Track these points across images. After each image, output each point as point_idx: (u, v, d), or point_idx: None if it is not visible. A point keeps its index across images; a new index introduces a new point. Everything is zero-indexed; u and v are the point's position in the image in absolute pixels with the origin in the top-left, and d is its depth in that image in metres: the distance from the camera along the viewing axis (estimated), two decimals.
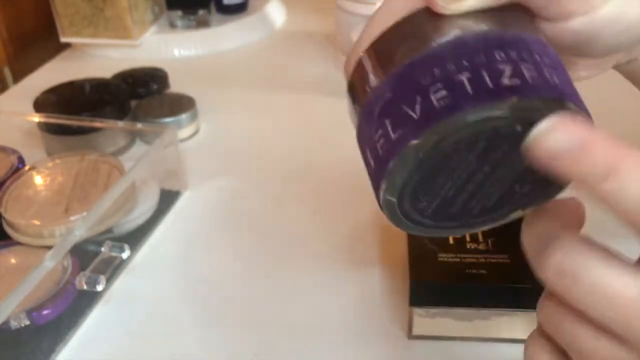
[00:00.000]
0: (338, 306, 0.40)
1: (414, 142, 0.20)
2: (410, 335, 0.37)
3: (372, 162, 0.22)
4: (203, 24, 0.79)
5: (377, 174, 0.21)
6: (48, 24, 0.75)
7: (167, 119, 0.57)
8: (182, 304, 0.41)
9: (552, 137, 0.19)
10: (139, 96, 0.61)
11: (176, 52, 0.77)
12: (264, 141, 0.58)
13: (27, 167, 0.48)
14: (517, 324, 0.35)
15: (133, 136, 0.57)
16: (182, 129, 0.57)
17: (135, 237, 0.46)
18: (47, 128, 0.55)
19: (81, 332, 0.39)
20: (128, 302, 0.41)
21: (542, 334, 0.23)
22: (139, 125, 0.54)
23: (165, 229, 0.48)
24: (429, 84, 0.20)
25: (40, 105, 0.56)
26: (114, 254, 0.42)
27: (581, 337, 0.21)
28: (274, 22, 0.85)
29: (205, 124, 0.61)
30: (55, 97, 0.58)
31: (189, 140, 0.59)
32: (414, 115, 0.20)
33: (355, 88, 0.23)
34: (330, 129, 0.59)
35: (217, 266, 0.44)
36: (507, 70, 0.19)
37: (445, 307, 0.36)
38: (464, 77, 0.19)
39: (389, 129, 0.20)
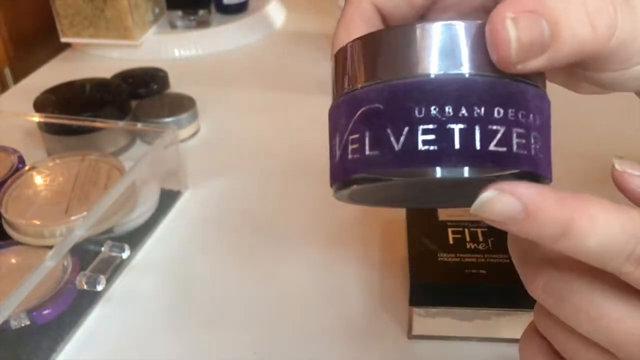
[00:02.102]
0: (338, 306, 0.40)
1: (385, 172, 0.20)
2: (410, 335, 0.37)
3: (337, 152, 0.22)
4: (203, 24, 0.79)
5: (338, 169, 0.22)
6: (48, 24, 0.75)
7: (167, 119, 0.57)
8: (182, 304, 0.41)
9: (494, 206, 0.19)
10: (139, 96, 0.61)
11: (176, 52, 0.77)
12: (264, 141, 0.58)
13: (27, 167, 0.48)
14: (517, 324, 0.35)
15: (133, 136, 0.57)
16: (182, 129, 0.57)
17: (136, 237, 0.46)
18: (47, 128, 0.55)
19: (81, 332, 0.39)
20: (128, 302, 0.41)
21: (537, 332, 0.24)
22: (139, 126, 0.54)
23: (166, 229, 0.48)
24: (421, 119, 0.19)
25: (40, 105, 0.56)
26: (114, 253, 0.42)
27: (572, 346, 0.22)
28: (274, 22, 0.85)
29: (205, 124, 0.61)
30: (55, 97, 0.58)
31: (189, 140, 0.59)
32: (395, 146, 0.19)
33: (342, 68, 0.22)
34: None
35: (217, 266, 0.44)
36: (499, 134, 0.19)
37: (445, 307, 0.36)
38: (456, 128, 0.19)
39: (366, 141, 0.20)
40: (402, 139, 0.19)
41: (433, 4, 0.25)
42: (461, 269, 0.35)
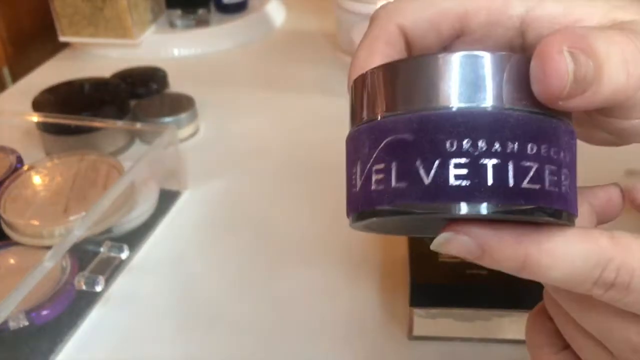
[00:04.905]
0: (338, 307, 0.40)
1: (412, 206, 0.19)
2: (411, 336, 0.37)
3: (357, 182, 0.21)
4: (202, 23, 0.79)
5: (358, 199, 0.21)
6: (47, 23, 0.75)
7: (167, 119, 0.57)
8: (181, 305, 0.41)
9: (452, 246, 0.20)
10: (138, 96, 0.61)
11: (175, 52, 0.77)
12: (264, 141, 0.58)
13: (25, 167, 0.48)
14: (518, 325, 0.35)
15: (132, 136, 0.57)
16: (181, 128, 0.57)
17: (135, 238, 0.45)
18: (45, 128, 0.55)
19: (80, 332, 0.39)
20: (127, 303, 0.41)
21: (544, 311, 0.25)
22: (139, 125, 0.54)
23: (165, 229, 0.48)
24: (454, 153, 0.18)
25: (39, 104, 0.56)
26: (113, 254, 0.42)
27: (575, 334, 0.23)
28: (274, 22, 0.85)
29: (205, 123, 0.61)
30: (54, 97, 0.57)
31: (189, 140, 0.59)
32: (425, 179, 0.19)
33: (363, 95, 0.21)
34: (330, 128, 0.59)
35: (216, 266, 0.44)
36: (532, 171, 0.19)
37: (445, 307, 0.35)
38: (489, 164, 0.18)
39: (393, 172, 0.19)
40: (432, 172, 0.19)
41: (459, 37, 0.24)
42: (462, 270, 0.35)
